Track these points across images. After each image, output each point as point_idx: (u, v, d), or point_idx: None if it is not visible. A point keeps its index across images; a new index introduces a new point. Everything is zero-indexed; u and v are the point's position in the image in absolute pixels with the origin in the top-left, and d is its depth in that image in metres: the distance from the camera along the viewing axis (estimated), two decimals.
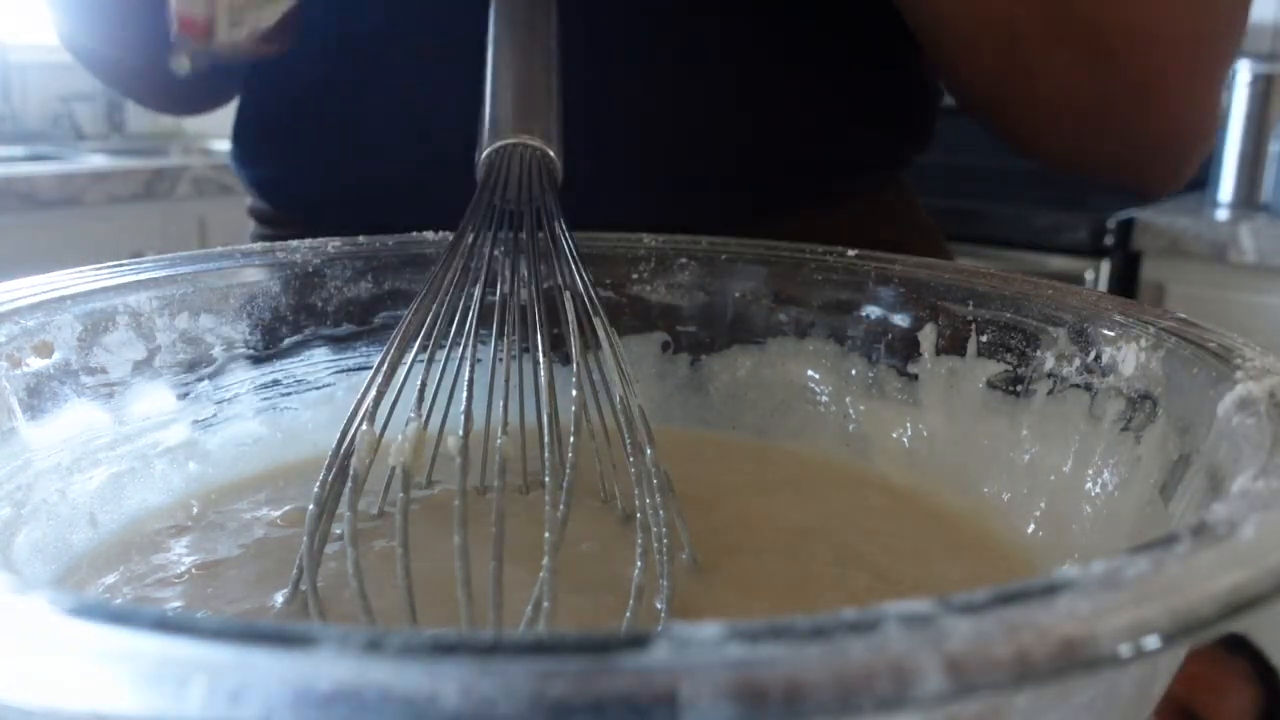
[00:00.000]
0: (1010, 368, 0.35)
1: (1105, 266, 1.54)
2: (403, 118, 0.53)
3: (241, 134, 0.60)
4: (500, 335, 0.33)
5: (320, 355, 0.40)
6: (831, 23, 0.55)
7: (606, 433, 0.35)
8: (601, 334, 0.33)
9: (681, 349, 0.43)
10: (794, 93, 0.55)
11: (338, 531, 0.30)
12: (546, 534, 0.25)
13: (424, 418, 0.29)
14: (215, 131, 2.51)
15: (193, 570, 0.31)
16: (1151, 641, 0.13)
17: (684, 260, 0.43)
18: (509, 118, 0.37)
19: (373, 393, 0.29)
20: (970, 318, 0.37)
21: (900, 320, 0.39)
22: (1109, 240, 1.53)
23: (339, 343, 0.41)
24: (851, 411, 0.40)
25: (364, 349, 0.41)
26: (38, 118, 2.40)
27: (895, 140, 0.59)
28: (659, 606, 0.28)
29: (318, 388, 0.40)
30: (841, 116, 0.56)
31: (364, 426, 0.28)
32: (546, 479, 0.27)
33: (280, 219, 0.59)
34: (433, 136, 0.40)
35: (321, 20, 0.56)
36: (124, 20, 0.54)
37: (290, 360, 0.40)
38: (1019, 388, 0.35)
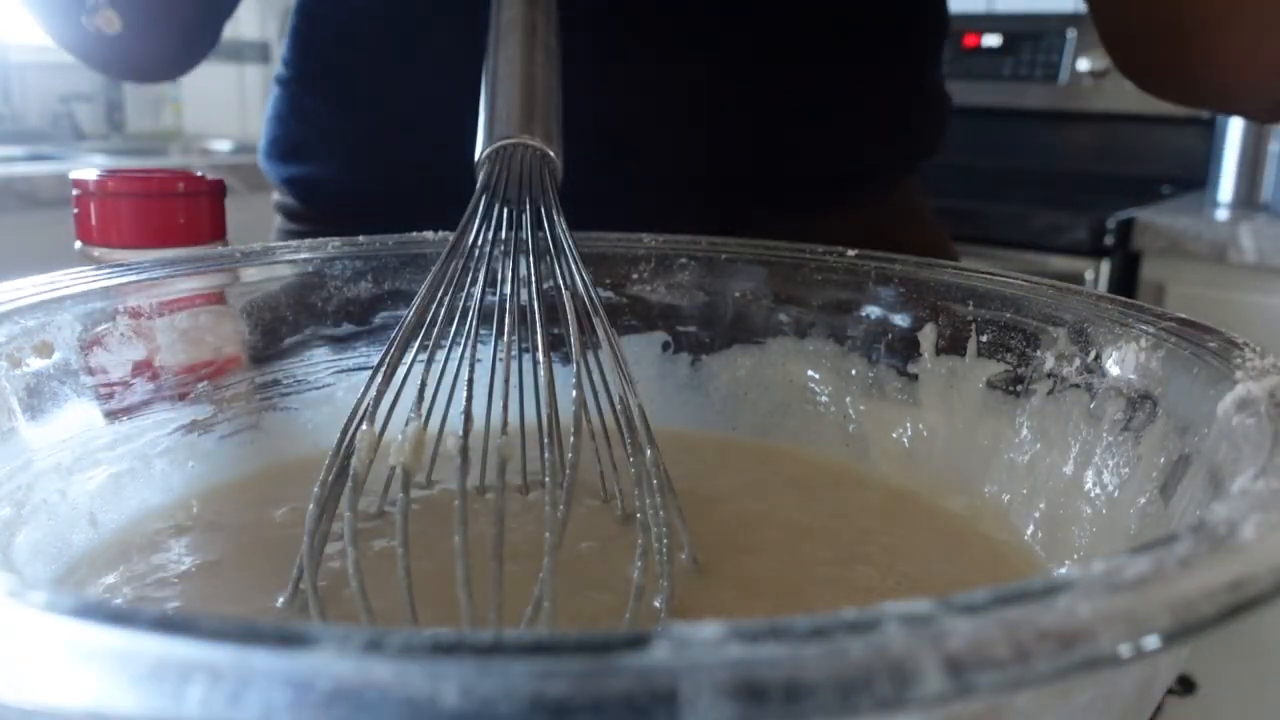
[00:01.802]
0: (1010, 368, 0.35)
1: (1105, 266, 1.53)
2: (434, 121, 0.54)
3: (277, 135, 0.60)
4: (500, 335, 0.33)
5: (320, 355, 0.40)
6: (844, 34, 0.55)
7: (606, 433, 0.35)
8: (601, 334, 0.33)
9: (681, 349, 0.43)
10: (806, 103, 0.55)
11: (338, 531, 0.30)
12: (546, 534, 0.25)
13: (424, 418, 0.29)
14: (215, 131, 2.51)
15: (193, 570, 0.31)
16: (1151, 641, 0.13)
17: (684, 260, 0.43)
18: (509, 117, 0.37)
19: (373, 393, 0.29)
20: (970, 318, 0.37)
21: (900, 320, 0.39)
22: (1109, 240, 1.53)
23: (339, 343, 0.41)
24: (851, 411, 0.40)
25: (364, 349, 0.41)
26: (38, 118, 2.40)
27: (905, 148, 0.60)
28: (659, 606, 0.28)
29: (318, 388, 0.40)
30: (853, 127, 0.56)
31: (364, 426, 0.28)
32: (546, 479, 0.27)
33: (308, 215, 0.59)
34: (462, 140, 0.40)
35: (358, 33, 0.56)
36: None
37: (290, 360, 0.40)
38: (1019, 388, 0.35)
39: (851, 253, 0.40)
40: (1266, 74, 0.45)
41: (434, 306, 0.31)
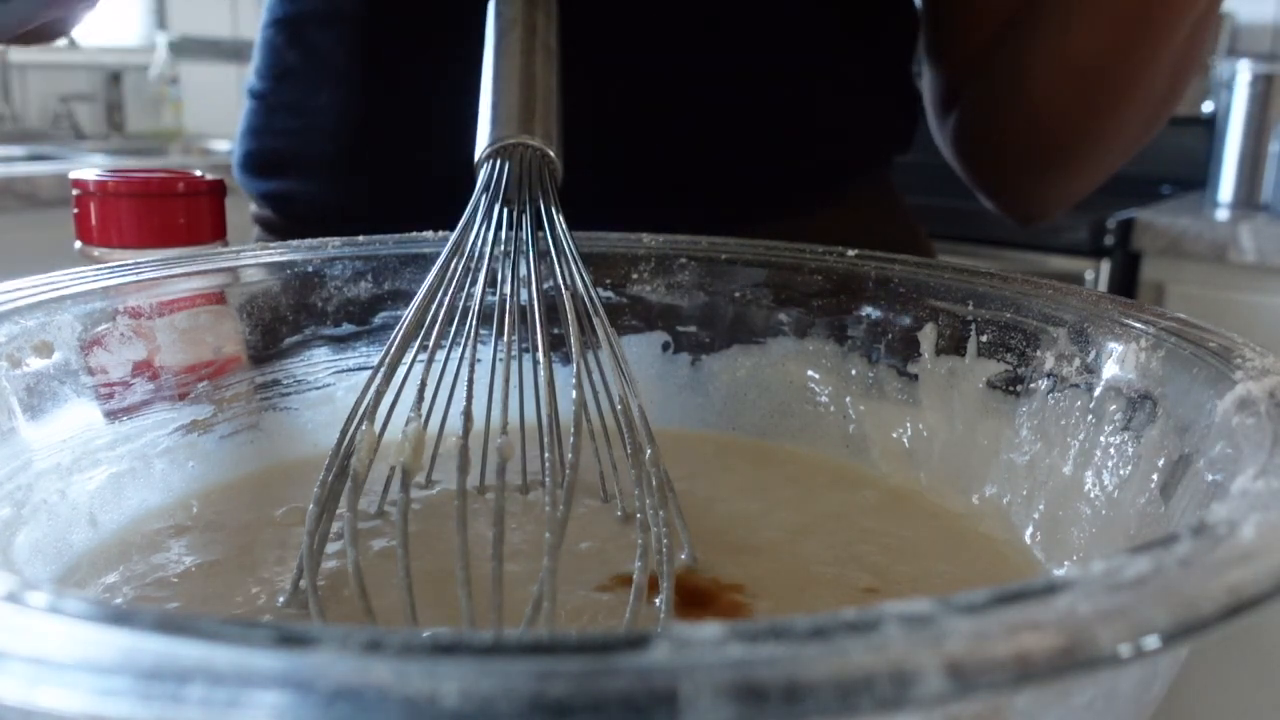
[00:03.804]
0: (1010, 368, 0.35)
1: (1105, 266, 1.54)
2: (415, 136, 0.53)
3: (252, 149, 0.59)
4: (500, 335, 0.33)
5: (320, 355, 0.40)
6: (818, 34, 0.55)
7: (606, 433, 0.35)
8: (601, 334, 0.33)
9: (681, 349, 0.43)
10: (781, 103, 0.55)
11: (338, 531, 0.30)
12: (546, 534, 0.25)
13: (424, 418, 0.29)
14: (215, 131, 2.51)
15: (193, 570, 0.31)
16: (1151, 641, 0.13)
17: (684, 260, 0.43)
18: (509, 117, 0.37)
19: (372, 393, 0.29)
20: (970, 318, 0.37)
21: (900, 320, 0.39)
22: (1109, 240, 1.53)
23: (339, 343, 0.41)
24: (851, 412, 0.40)
25: (364, 349, 0.41)
26: (38, 118, 2.40)
27: (881, 146, 0.60)
28: (659, 606, 0.28)
29: (318, 388, 0.40)
30: (828, 127, 0.56)
31: (364, 426, 0.28)
32: (546, 479, 0.27)
33: (287, 229, 0.59)
34: (443, 154, 0.40)
35: (335, 43, 0.55)
36: None
37: (290, 360, 0.40)
38: (1019, 388, 0.35)
39: (851, 253, 0.40)
40: (1055, 206, 0.60)
41: (434, 306, 0.31)
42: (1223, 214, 1.61)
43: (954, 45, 0.58)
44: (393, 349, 0.30)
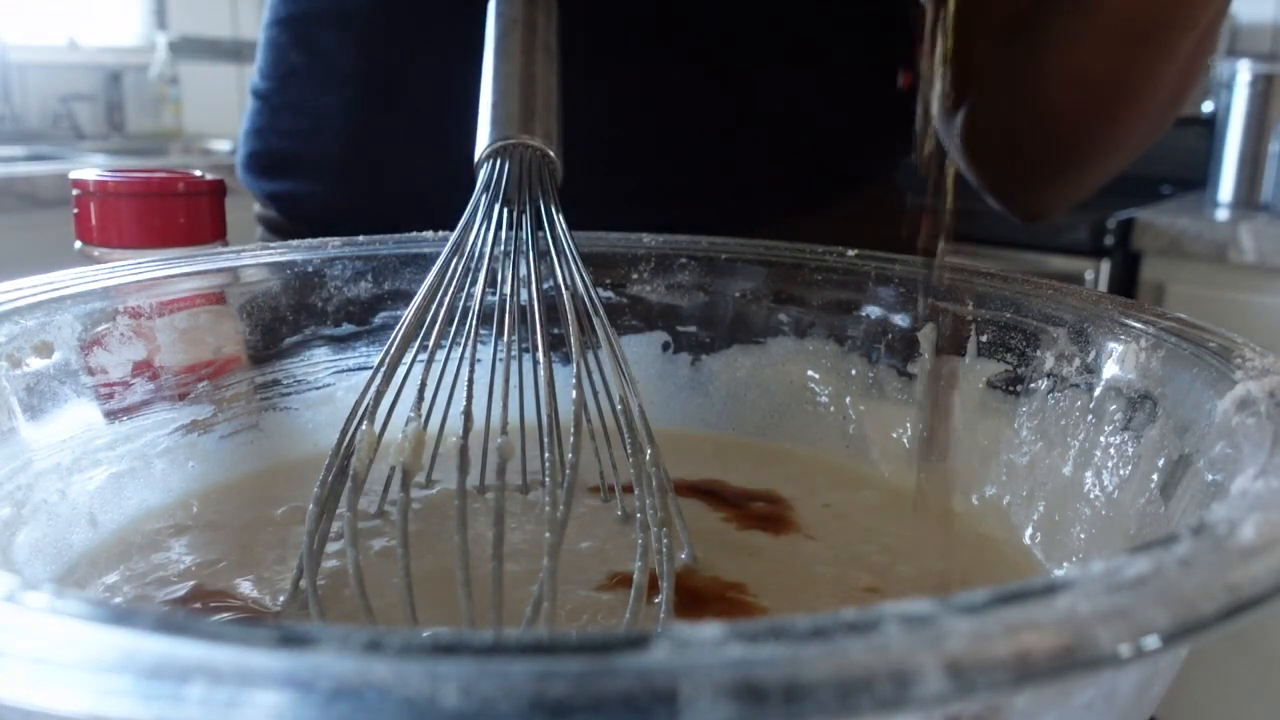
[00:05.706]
0: (1010, 368, 0.35)
1: (1105, 266, 1.54)
2: (422, 137, 0.53)
3: (256, 149, 0.59)
4: (500, 335, 0.33)
5: (320, 355, 0.40)
6: (824, 39, 0.55)
7: (606, 433, 0.35)
8: (601, 334, 0.33)
9: (681, 349, 0.43)
10: (788, 108, 0.55)
11: (338, 531, 0.30)
12: (546, 534, 0.25)
13: (424, 418, 0.29)
14: (215, 131, 2.51)
15: (192, 570, 0.31)
16: (1151, 641, 0.13)
17: (684, 260, 0.43)
18: (509, 117, 0.37)
19: (372, 393, 0.29)
20: (970, 318, 0.37)
21: (900, 320, 0.39)
22: (1109, 240, 1.53)
23: (339, 343, 0.41)
24: (851, 412, 0.40)
25: (364, 349, 0.41)
26: (38, 118, 2.40)
27: (887, 149, 0.60)
28: (659, 604, 0.28)
29: (318, 388, 0.40)
30: (836, 130, 0.56)
31: (364, 426, 0.28)
32: (546, 479, 0.27)
33: (293, 230, 0.59)
34: (450, 155, 0.40)
35: (342, 44, 0.55)
36: None
37: (290, 360, 0.40)
38: (1019, 388, 0.35)
39: (851, 253, 0.40)
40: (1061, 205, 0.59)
41: (434, 306, 0.31)
42: (1223, 214, 1.61)
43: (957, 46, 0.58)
44: (393, 349, 0.30)
